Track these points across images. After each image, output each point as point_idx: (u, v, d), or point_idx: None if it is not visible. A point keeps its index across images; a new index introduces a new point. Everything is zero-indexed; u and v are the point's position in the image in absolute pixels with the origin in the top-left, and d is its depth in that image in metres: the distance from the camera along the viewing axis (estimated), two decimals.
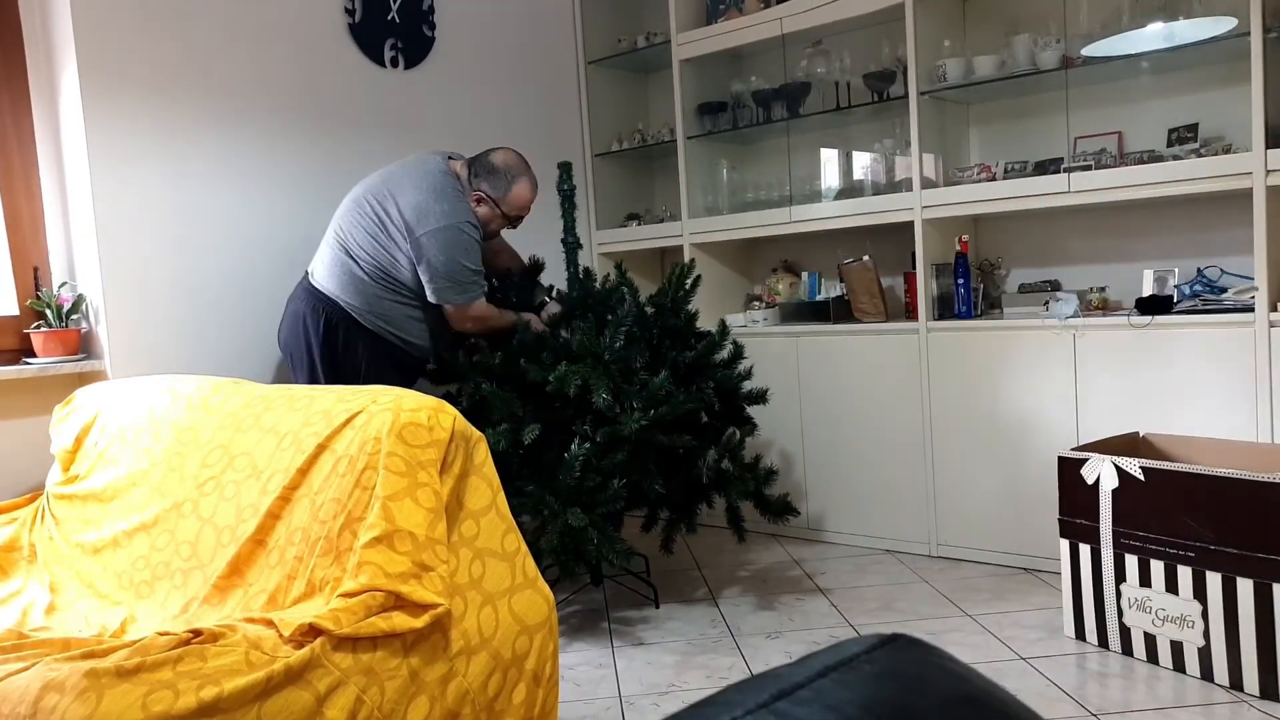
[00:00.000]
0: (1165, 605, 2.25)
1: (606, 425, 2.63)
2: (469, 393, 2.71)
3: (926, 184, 3.16)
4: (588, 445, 2.59)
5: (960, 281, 3.18)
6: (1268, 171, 2.54)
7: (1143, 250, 3.08)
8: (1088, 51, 2.90)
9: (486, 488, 1.73)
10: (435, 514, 1.61)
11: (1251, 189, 2.57)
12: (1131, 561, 2.31)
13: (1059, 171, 2.96)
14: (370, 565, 1.53)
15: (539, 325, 2.83)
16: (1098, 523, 2.37)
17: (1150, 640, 2.30)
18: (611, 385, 2.60)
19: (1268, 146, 2.54)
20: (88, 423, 2.27)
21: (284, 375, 3.08)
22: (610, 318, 2.76)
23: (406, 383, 2.72)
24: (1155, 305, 2.77)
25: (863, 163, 3.57)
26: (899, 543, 3.32)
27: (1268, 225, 2.57)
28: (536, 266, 3.13)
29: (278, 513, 1.76)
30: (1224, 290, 2.78)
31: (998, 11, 3.26)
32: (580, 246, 3.03)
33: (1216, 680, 2.17)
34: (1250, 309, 2.60)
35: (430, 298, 2.72)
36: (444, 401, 1.75)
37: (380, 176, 2.81)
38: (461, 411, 2.61)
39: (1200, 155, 2.74)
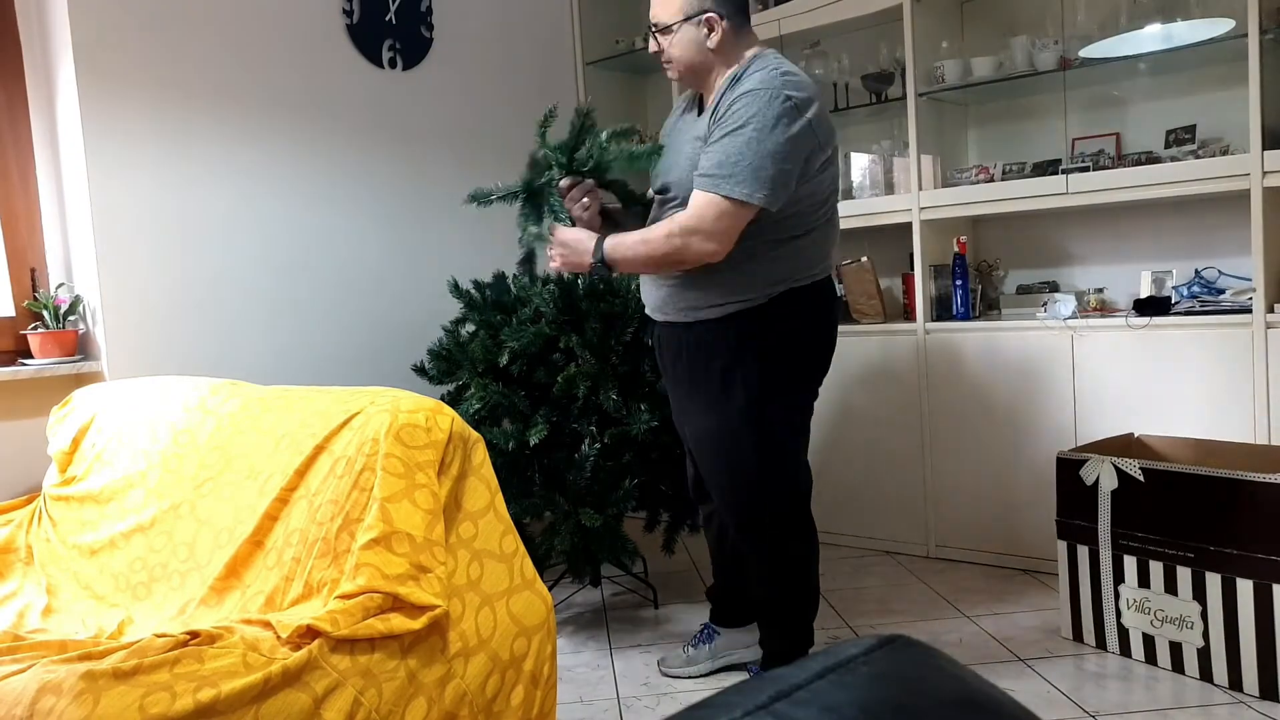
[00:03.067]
0: (1164, 606, 2.25)
1: (613, 426, 2.63)
2: (476, 392, 2.71)
3: (925, 185, 3.16)
4: (596, 446, 2.60)
5: (958, 283, 3.18)
6: (1265, 173, 2.55)
7: (1141, 251, 3.09)
8: (1086, 53, 2.90)
9: (485, 489, 1.73)
10: (433, 515, 1.61)
11: (1249, 190, 2.58)
12: (1130, 562, 2.31)
13: (1057, 173, 2.96)
14: (368, 567, 1.53)
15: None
16: (1096, 524, 2.37)
17: (1149, 641, 2.30)
18: (619, 386, 2.60)
19: (1265, 148, 2.54)
20: (85, 424, 2.26)
21: (282, 376, 3.08)
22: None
23: None
24: (1153, 306, 2.78)
25: (861, 164, 3.57)
26: (897, 544, 3.32)
27: (1265, 226, 2.57)
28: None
29: (275, 514, 1.76)
30: (1222, 291, 2.78)
31: (996, 13, 3.26)
32: None
33: (1216, 681, 2.17)
34: (1248, 310, 2.60)
35: None
36: (441, 403, 1.75)
37: None
38: (468, 412, 2.63)
39: (1198, 156, 2.74)
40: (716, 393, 2.10)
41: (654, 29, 2.09)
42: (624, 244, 2.00)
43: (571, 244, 2.05)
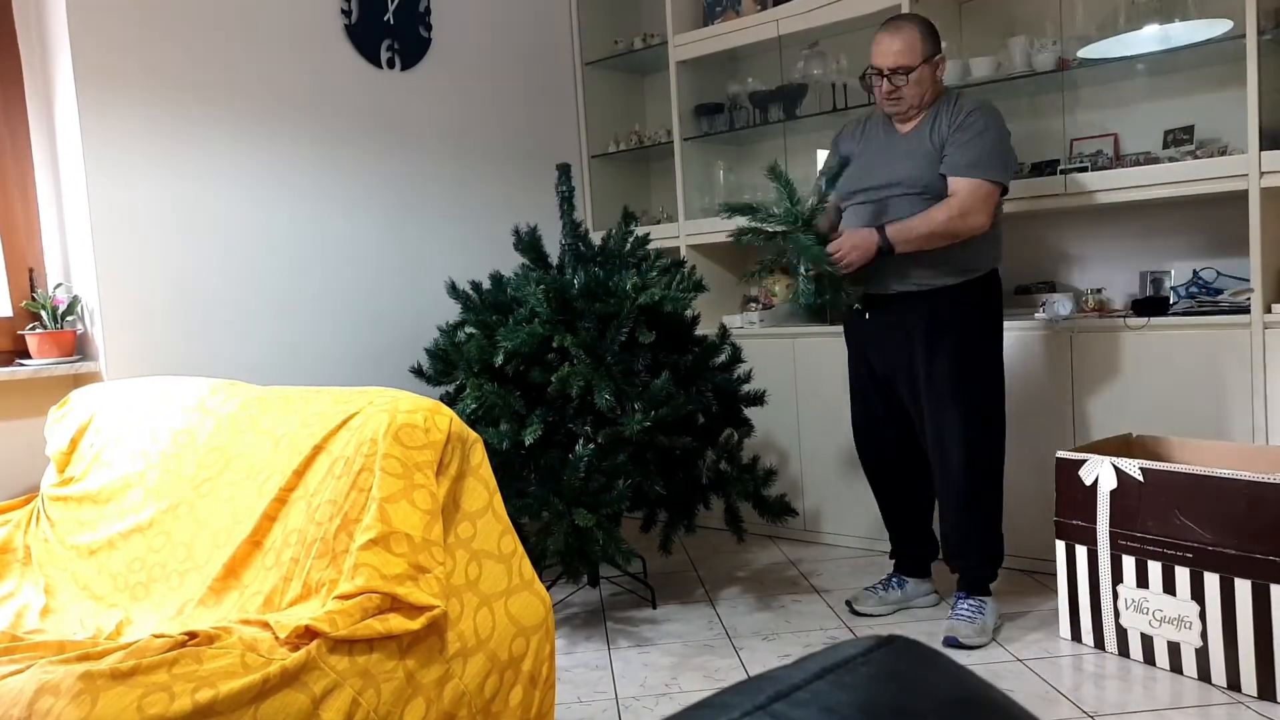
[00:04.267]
0: (1162, 606, 2.25)
1: (607, 426, 2.63)
2: (471, 393, 2.71)
3: None
4: (591, 446, 2.59)
5: None
6: (1262, 173, 2.55)
7: (1139, 252, 3.09)
8: (1084, 54, 2.90)
9: (483, 489, 1.73)
10: (431, 516, 1.61)
11: (1247, 190, 2.58)
12: (1129, 562, 2.32)
13: (1055, 173, 2.97)
14: (366, 567, 1.53)
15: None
16: (1094, 523, 2.37)
17: (1147, 641, 2.30)
18: (613, 387, 2.60)
19: (1262, 148, 2.54)
20: (83, 424, 2.26)
21: (281, 376, 3.08)
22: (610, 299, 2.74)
23: None
24: (1151, 306, 2.78)
25: None
26: None
27: (1262, 227, 2.57)
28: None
29: (274, 514, 1.76)
30: (1220, 291, 2.78)
31: (994, 13, 3.27)
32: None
33: (1214, 681, 2.17)
34: (1246, 310, 2.61)
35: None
36: (440, 403, 1.75)
37: None
38: (463, 412, 2.63)
39: (1196, 157, 2.74)
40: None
41: (893, 72, 2.50)
42: (906, 227, 2.46)
43: (860, 241, 2.47)
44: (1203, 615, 2.17)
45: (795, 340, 3.48)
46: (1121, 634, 2.36)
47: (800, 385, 3.49)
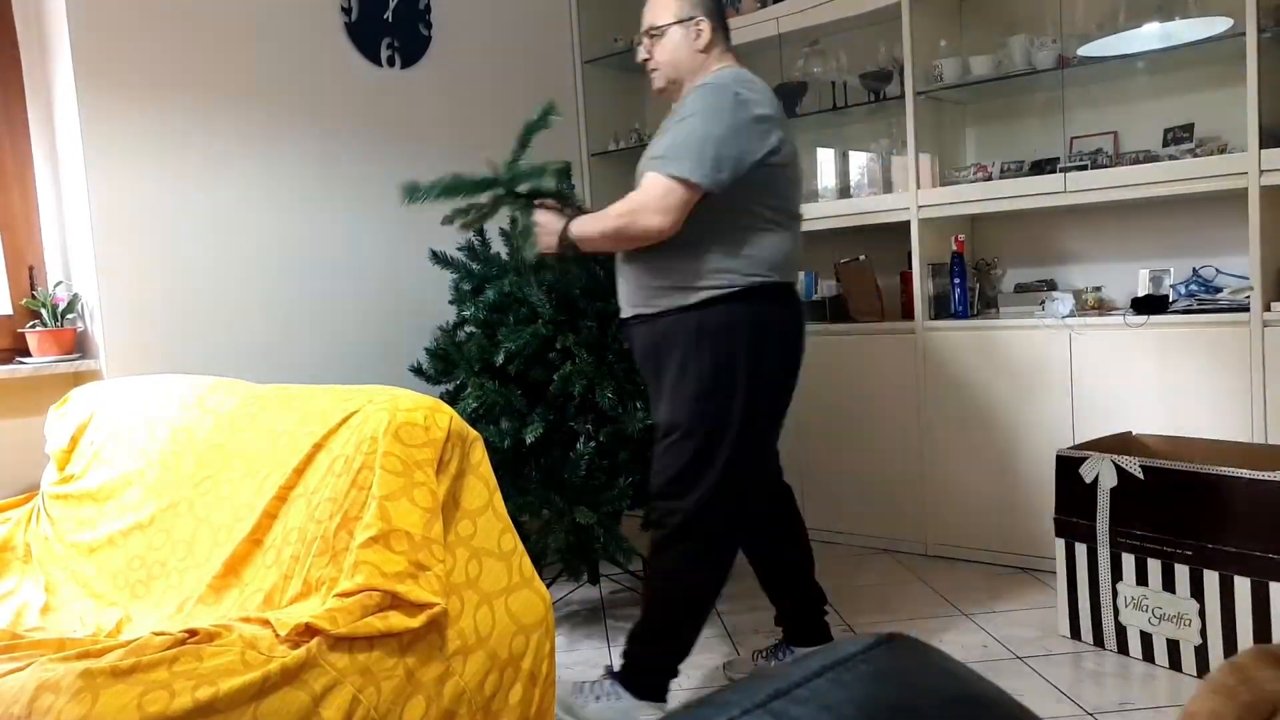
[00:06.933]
0: (1162, 604, 2.26)
1: (609, 424, 2.63)
2: (473, 392, 2.71)
3: (923, 184, 3.16)
4: (592, 444, 2.60)
5: (956, 281, 3.18)
6: (1262, 171, 2.55)
7: (1138, 250, 3.09)
8: (1084, 51, 2.90)
9: (483, 487, 1.73)
10: (431, 513, 1.61)
11: (1246, 189, 2.58)
12: (1128, 560, 2.32)
13: (1055, 171, 2.97)
14: (366, 565, 1.53)
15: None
16: (1094, 521, 2.38)
17: (1146, 639, 2.30)
18: (616, 385, 2.60)
19: (1262, 146, 2.54)
20: (83, 422, 2.26)
21: (280, 374, 3.08)
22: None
23: None
24: (1151, 305, 2.78)
25: (859, 162, 3.58)
26: (895, 542, 3.33)
27: (1262, 225, 2.58)
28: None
29: (274, 512, 1.76)
30: (1219, 290, 2.79)
31: (994, 11, 3.27)
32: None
33: None
34: (1245, 308, 2.61)
35: None
36: (440, 401, 1.75)
37: None
38: (465, 411, 2.63)
39: (1196, 155, 2.74)
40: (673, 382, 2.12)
41: (646, 33, 2.24)
42: (584, 220, 2.08)
43: (544, 224, 2.12)
44: (1202, 613, 2.18)
45: None
46: (1121, 631, 2.36)
47: (799, 383, 3.48)
